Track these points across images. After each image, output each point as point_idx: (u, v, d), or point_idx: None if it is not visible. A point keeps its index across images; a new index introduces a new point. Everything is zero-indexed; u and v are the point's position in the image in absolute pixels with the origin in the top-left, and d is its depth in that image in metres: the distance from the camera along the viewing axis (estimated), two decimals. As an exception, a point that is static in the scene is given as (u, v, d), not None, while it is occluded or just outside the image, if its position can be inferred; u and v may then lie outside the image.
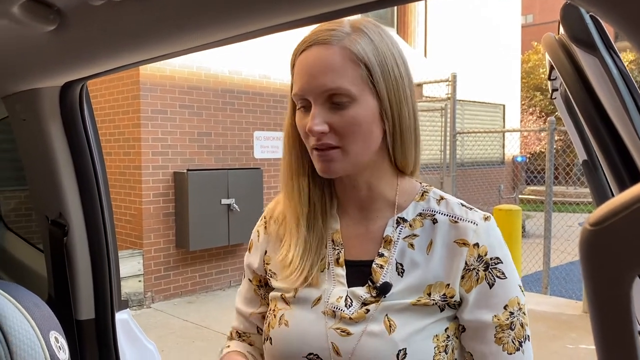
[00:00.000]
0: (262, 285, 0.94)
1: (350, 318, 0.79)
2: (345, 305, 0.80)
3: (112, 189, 5.55)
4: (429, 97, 7.13)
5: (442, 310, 0.79)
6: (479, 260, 0.79)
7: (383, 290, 0.79)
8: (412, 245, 0.81)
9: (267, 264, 0.91)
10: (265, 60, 5.96)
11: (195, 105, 5.49)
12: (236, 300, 0.98)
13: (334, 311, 0.80)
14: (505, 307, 0.79)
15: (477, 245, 0.79)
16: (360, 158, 0.79)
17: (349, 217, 0.86)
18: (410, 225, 0.83)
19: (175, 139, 5.35)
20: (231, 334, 1.01)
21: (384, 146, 0.81)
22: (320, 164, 0.78)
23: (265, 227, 0.93)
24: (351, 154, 0.77)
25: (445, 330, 0.80)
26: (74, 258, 1.03)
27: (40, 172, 1.01)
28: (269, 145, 6.09)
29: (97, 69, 0.79)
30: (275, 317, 0.85)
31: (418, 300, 0.78)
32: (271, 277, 0.90)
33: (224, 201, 5.47)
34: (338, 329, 0.79)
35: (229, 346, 0.97)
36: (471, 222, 0.81)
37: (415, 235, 0.82)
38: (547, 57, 0.92)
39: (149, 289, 5.22)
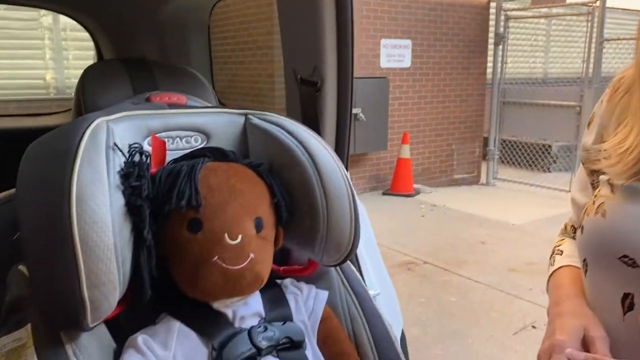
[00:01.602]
0: (596, 170, 0.77)
1: None
2: None
3: (244, 97, 5.82)
4: (574, 1, 6.47)
5: None
6: None
7: None
8: None
9: (603, 141, 0.74)
10: (395, -37, 5.69)
11: (325, 12, 5.45)
12: (571, 188, 0.85)
13: None
14: None
15: None
16: None
17: None
18: None
19: (306, 47, 5.40)
20: (565, 226, 0.89)
21: None
22: None
23: (611, 96, 0.76)
24: None
25: None
26: (323, 114, 1.11)
27: (300, 30, 1.07)
28: (396, 54, 5.95)
29: None
30: (594, 204, 0.72)
31: None
32: (603, 157, 0.73)
33: (351, 110, 5.53)
34: None
35: (560, 250, 0.86)
36: None
37: None
38: None
39: (280, 191, 5.54)
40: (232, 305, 0.79)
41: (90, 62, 1.06)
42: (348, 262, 0.94)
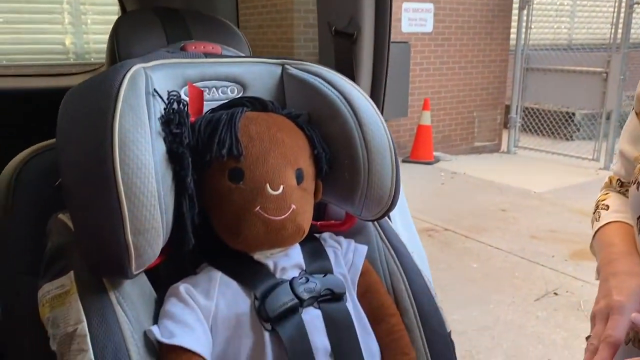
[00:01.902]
0: None
1: None
2: None
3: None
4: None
5: None
6: None
7: None
8: None
9: None
10: None
11: (346, -26, 5.31)
12: (620, 139, 0.81)
13: None
14: None
15: None
16: None
17: None
18: None
19: (326, 11, 5.28)
20: (610, 180, 0.86)
21: None
22: None
23: None
24: None
25: None
26: (359, 66, 1.08)
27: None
28: (417, 18, 5.80)
29: None
30: None
31: None
32: None
33: (371, 76, 5.44)
34: None
35: (606, 205, 0.81)
36: None
37: None
38: None
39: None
40: (272, 256, 0.78)
41: (110, 26, 1.03)
42: (386, 217, 0.92)
